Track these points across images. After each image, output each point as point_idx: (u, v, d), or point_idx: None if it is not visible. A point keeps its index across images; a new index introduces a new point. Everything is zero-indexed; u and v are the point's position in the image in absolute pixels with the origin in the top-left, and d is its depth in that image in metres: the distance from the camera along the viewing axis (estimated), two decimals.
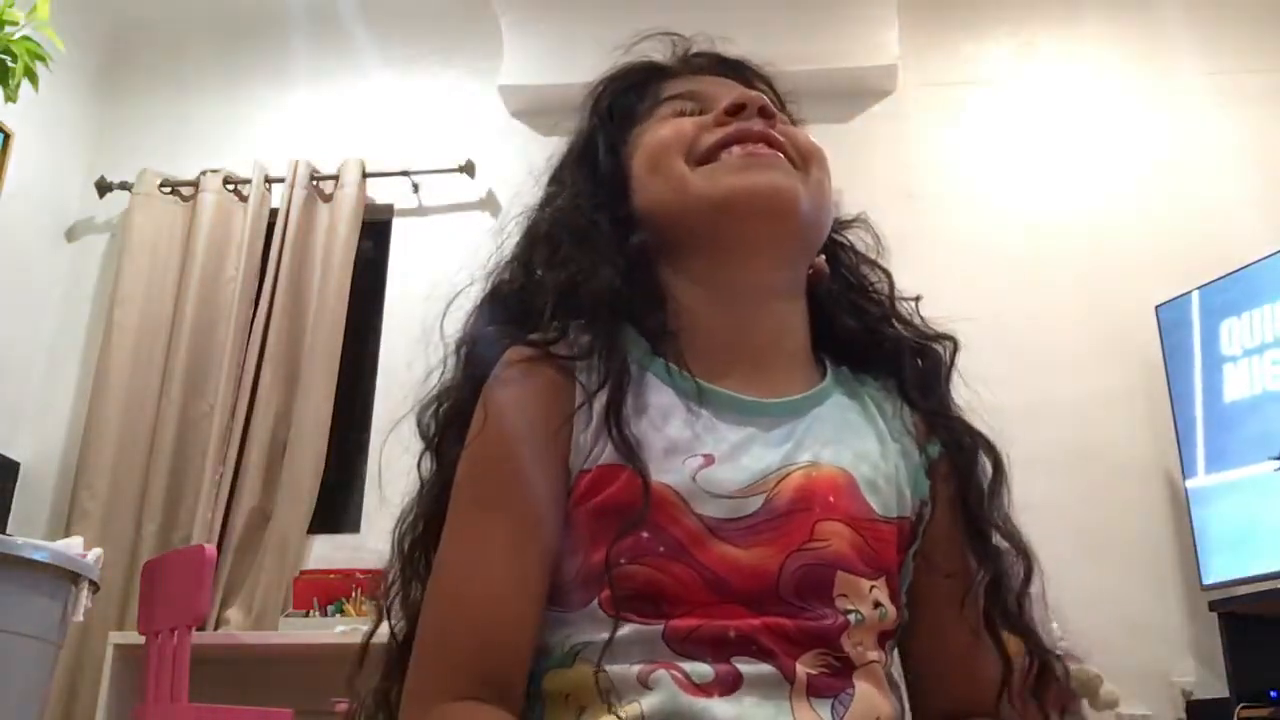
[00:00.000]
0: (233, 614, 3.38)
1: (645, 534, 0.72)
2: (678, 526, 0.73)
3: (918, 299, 0.91)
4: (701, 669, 0.69)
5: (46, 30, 2.87)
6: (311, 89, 4.13)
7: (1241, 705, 2.76)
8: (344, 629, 2.99)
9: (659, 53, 0.96)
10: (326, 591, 3.26)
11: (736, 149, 0.83)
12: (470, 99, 4.03)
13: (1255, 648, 2.84)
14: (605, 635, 0.71)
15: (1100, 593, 3.06)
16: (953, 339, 0.89)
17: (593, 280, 0.80)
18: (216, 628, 3.31)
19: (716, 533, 0.73)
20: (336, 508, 3.64)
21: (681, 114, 0.87)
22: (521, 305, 0.84)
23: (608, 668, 0.70)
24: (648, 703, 0.68)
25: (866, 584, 0.75)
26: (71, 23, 3.56)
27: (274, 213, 3.89)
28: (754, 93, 0.87)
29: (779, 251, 0.83)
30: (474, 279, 0.88)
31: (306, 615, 3.21)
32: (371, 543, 3.38)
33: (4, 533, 3.12)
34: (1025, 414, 3.14)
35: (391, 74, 4.11)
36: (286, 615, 3.27)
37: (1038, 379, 3.31)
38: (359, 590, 3.22)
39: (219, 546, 3.31)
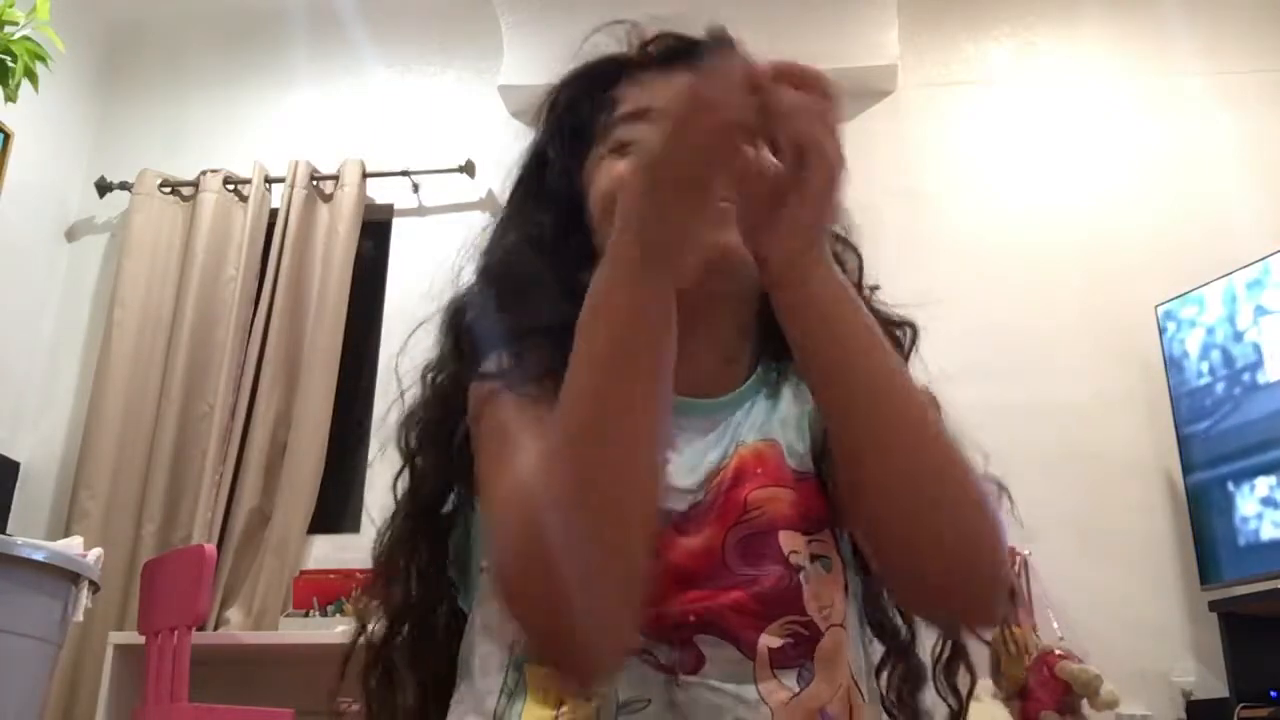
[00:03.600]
0: (233, 614, 3.38)
1: None
2: None
3: (874, 289, 0.90)
4: (667, 651, 0.73)
5: (46, 30, 2.88)
6: (311, 89, 4.13)
7: (1241, 705, 2.76)
8: (344, 629, 2.99)
9: (615, 44, 0.94)
10: (326, 591, 3.26)
11: None
12: (470, 99, 4.03)
13: (1255, 648, 2.85)
14: None
15: (1100, 593, 3.06)
16: (913, 324, 0.88)
17: (543, 321, 0.81)
18: (216, 628, 3.31)
19: (675, 527, 0.77)
20: (336, 508, 3.64)
21: (628, 147, 0.84)
22: (482, 332, 0.87)
23: None
24: (619, 685, 0.72)
25: (804, 539, 0.78)
26: (71, 23, 3.56)
27: (274, 213, 3.89)
28: None
29: (729, 296, 0.83)
30: (438, 310, 0.92)
31: (306, 615, 3.21)
32: (371, 542, 3.38)
33: (4, 533, 3.11)
34: (1026, 414, 3.14)
35: (391, 74, 4.11)
36: (286, 615, 3.27)
37: (1038, 379, 3.31)
38: (359, 590, 3.22)
39: (219, 546, 3.31)
